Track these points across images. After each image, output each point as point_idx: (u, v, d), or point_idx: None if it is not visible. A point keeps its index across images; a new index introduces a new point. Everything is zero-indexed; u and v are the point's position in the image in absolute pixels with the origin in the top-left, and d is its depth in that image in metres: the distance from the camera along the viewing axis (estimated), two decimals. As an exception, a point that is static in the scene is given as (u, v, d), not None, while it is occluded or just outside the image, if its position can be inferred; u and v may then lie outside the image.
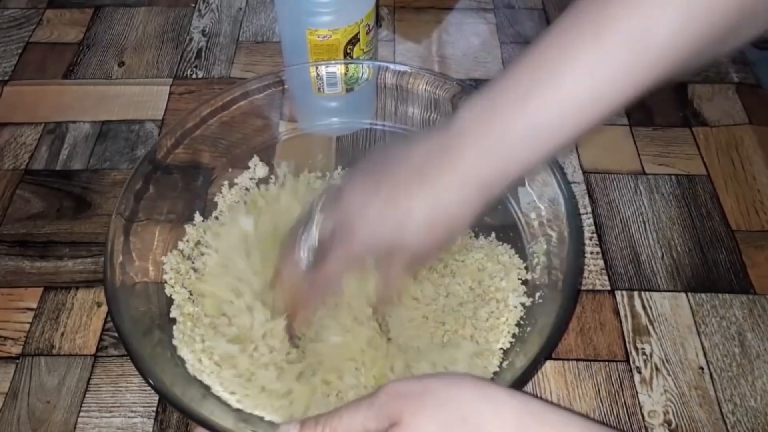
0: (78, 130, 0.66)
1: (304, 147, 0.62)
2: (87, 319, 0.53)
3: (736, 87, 0.69)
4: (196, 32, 0.75)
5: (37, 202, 0.60)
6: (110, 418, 0.48)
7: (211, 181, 0.59)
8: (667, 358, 0.51)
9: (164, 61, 0.72)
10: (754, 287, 0.55)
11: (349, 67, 0.58)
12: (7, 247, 0.57)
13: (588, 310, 0.54)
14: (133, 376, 0.50)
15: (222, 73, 0.71)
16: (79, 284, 0.55)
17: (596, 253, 0.57)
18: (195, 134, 0.56)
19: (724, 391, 0.49)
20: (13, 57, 0.73)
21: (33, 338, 0.52)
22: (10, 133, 0.66)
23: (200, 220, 0.56)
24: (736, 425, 0.48)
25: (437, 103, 0.58)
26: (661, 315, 0.53)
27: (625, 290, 0.55)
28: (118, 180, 0.62)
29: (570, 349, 0.51)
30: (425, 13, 0.77)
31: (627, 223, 0.59)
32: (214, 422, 0.42)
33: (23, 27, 0.76)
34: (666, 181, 0.62)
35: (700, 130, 0.66)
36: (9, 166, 0.63)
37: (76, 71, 0.71)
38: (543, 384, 0.50)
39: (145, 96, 0.69)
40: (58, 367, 0.50)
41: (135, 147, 0.64)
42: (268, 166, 0.60)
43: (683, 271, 0.56)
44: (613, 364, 0.51)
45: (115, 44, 0.74)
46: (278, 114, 0.61)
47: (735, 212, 0.59)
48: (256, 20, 0.77)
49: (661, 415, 0.48)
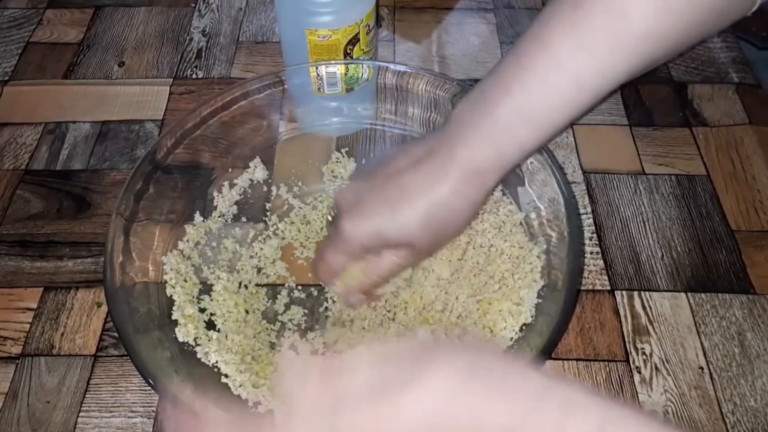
0: (78, 130, 0.66)
1: (304, 147, 0.62)
2: (87, 319, 0.53)
3: (736, 87, 0.69)
4: (196, 32, 0.75)
5: (37, 202, 0.60)
6: (110, 418, 0.48)
7: (211, 181, 0.59)
8: (666, 358, 0.51)
9: (164, 61, 0.72)
10: (754, 287, 0.55)
11: (349, 67, 0.58)
12: (7, 247, 0.57)
13: (588, 310, 0.54)
14: (133, 376, 0.50)
15: (222, 73, 0.71)
16: (79, 284, 0.55)
17: (596, 253, 0.57)
18: (195, 134, 0.56)
19: (723, 391, 0.49)
20: (13, 57, 0.73)
21: (33, 338, 0.52)
22: (10, 133, 0.66)
23: (200, 220, 0.56)
24: (736, 425, 0.48)
25: (437, 103, 0.58)
26: (660, 315, 0.53)
27: (625, 290, 0.55)
28: (118, 180, 0.62)
29: (570, 349, 0.51)
30: (425, 13, 0.77)
31: (627, 223, 0.59)
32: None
33: (23, 27, 0.76)
34: (666, 181, 0.62)
35: (700, 130, 0.66)
36: (9, 167, 0.63)
37: (76, 71, 0.71)
38: (543, 384, 0.50)
39: (145, 96, 0.69)
40: (58, 367, 0.50)
41: (135, 147, 0.64)
42: (268, 169, 0.60)
43: (683, 271, 0.56)
44: (612, 364, 0.51)
45: (115, 44, 0.74)
46: (278, 114, 0.61)
47: (735, 212, 0.59)
48: (256, 20, 0.77)
49: (660, 414, 0.48)
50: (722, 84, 0.69)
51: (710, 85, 0.69)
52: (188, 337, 0.49)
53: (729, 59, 0.71)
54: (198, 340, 0.49)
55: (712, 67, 0.71)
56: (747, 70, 0.71)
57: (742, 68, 0.71)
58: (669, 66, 0.71)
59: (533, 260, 0.52)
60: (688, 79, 0.70)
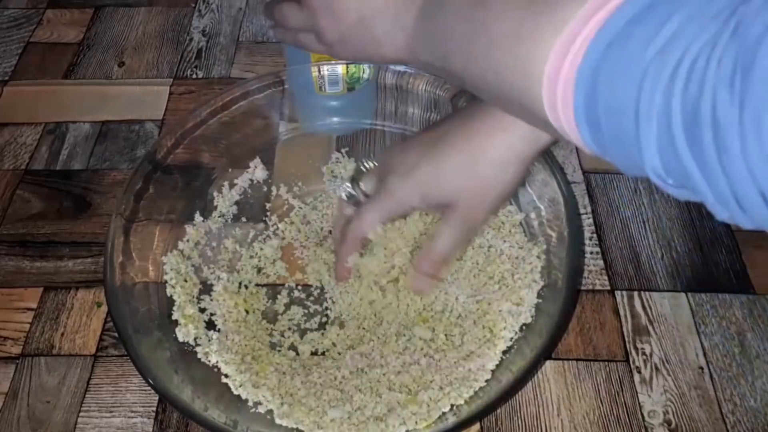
0: (78, 130, 0.66)
1: (304, 147, 0.62)
2: (87, 319, 0.53)
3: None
4: (196, 32, 0.75)
5: (37, 202, 0.60)
6: (110, 418, 0.48)
7: (211, 181, 0.59)
8: (666, 358, 0.51)
9: (164, 61, 0.72)
10: (753, 287, 0.55)
11: (350, 66, 0.58)
12: (7, 247, 0.57)
13: (588, 310, 0.54)
14: (133, 376, 0.50)
15: (222, 73, 0.71)
16: (79, 284, 0.55)
17: (596, 253, 0.57)
18: (195, 134, 0.56)
19: (723, 391, 0.49)
20: (13, 57, 0.73)
21: (33, 338, 0.52)
22: (10, 133, 0.66)
23: (200, 220, 0.56)
24: (735, 425, 0.48)
25: (437, 103, 0.58)
26: (660, 315, 0.53)
27: (625, 290, 0.55)
28: (118, 180, 0.62)
29: (570, 349, 0.51)
30: (425, 13, 0.77)
31: (627, 223, 0.59)
32: (214, 422, 0.42)
33: (23, 27, 0.76)
34: (666, 181, 0.61)
35: (700, 130, 0.65)
36: (9, 167, 0.63)
37: (76, 71, 0.71)
38: (543, 384, 0.50)
39: (145, 96, 0.69)
40: (58, 367, 0.50)
41: (135, 147, 0.64)
42: (268, 169, 0.60)
43: (683, 271, 0.56)
44: (612, 364, 0.51)
45: (115, 44, 0.74)
46: (278, 114, 0.61)
47: (735, 212, 0.59)
48: (256, 20, 0.77)
49: (660, 415, 0.48)
50: (722, 84, 0.69)
51: (710, 85, 0.69)
52: (188, 337, 0.49)
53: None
54: (198, 340, 0.49)
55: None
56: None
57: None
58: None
59: (533, 260, 0.52)
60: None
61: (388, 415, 0.45)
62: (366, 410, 0.46)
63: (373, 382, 0.47)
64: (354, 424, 0.45)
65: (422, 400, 0.46)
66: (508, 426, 0.48)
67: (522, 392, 0.49)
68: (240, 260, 0.55)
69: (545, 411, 0.48)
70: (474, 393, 0.46)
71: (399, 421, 0.45)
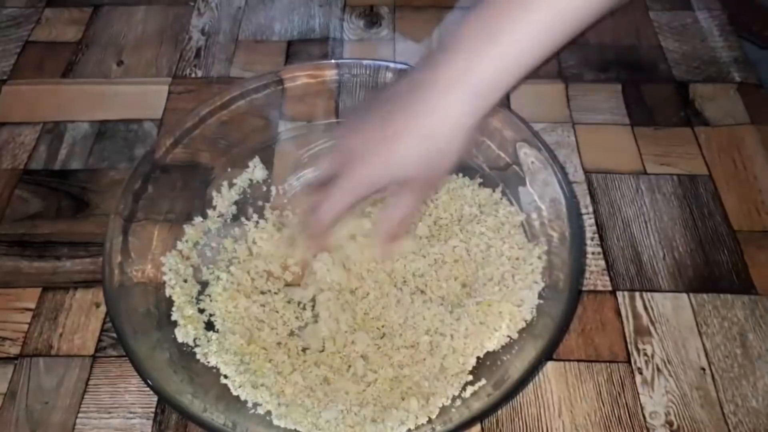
0: (76, 129, 0.66)
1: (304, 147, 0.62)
2: (85, 319, 0.53)
3: (738, 87, 0.69)
4: (195, 31, 0.75)
5: (35, 202, 0.60)
6: (109, 419, 0.48)
7: (210, 180, 0.58)
8: (668, 358, 0.51)
9: (163, 60, 0.72)
10: (755, 287, 0.54)
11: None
12: (5, 247, 0.57)
13: (589, 310, 0.53)
14: (131, 377, 0.49)
15: (221, 73, 0.71)
16: (77, 284, 0.55)
17: (597, 253, 0.57)
18: (194, 134, 0.56)
19: (725, 392, 0.49)
20: (12, 56, 0.72)
21: (31, 339, 0.52)
22: (9, 132, 0.65)
23: (199, 220, 0.56)
24: (737, 426, 0.47)
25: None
26: (662, 315, 0.53)
27: (627, 291, 0.55)
28: (117, 180, 0.61)
29: (571, 350, 0.51)
30: (425, 11, 0.77)
31: (628, 223, 0.59)
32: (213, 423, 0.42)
33: (22, 26, 0.76)
34: (667, 181, 0.61)
35: (701, 129, 0.65)
36: (7, 166, 0.63)
37: (75, 70, 0.71)
38: (544, 385, 0.49)
39: (143, 95, 0.68)
40: (56, 367, 0.50)
41: (134, 146, 0.64)
42: (267, 169, 0.60)
43: (685, 271, 0.56)
44: (614, 365, 0.51)
45: (113, 43, 0.74)
46: (277, 113, 0.61)
47: (736, 212, 0.59)
48: (256, 19, 0.76)
49: (662, 416, 0.48)
50: (724, 83, 0.69)
51: (712, 85, 0.69)
52: (187, 337, 0.49)
53: (731, 59, 0.71)
54: (197, 341, 0.49)
55: (714, 67, 0.71)
56: (748, 69, 0.70)
57: (743, 68, 0.70)
58: (670, 65, 0.71)
59: (534, 261, 0.52)
60: (689, 79, 0.70)
61: (386, 415, 0.45)
62: (363, 411, 0.45)
63: (371, 382, 0.47)
64: (350, 426, 0.45)
65: (421, 400, 0.46)
66: (509, 427, 0.48)
67: (523, 393, 0.49)
68: (240, 260, 0.55)
69: (546, 412, 0.48)
70: (474, 393, 0.46)
71: (398, 422, 0.44)
